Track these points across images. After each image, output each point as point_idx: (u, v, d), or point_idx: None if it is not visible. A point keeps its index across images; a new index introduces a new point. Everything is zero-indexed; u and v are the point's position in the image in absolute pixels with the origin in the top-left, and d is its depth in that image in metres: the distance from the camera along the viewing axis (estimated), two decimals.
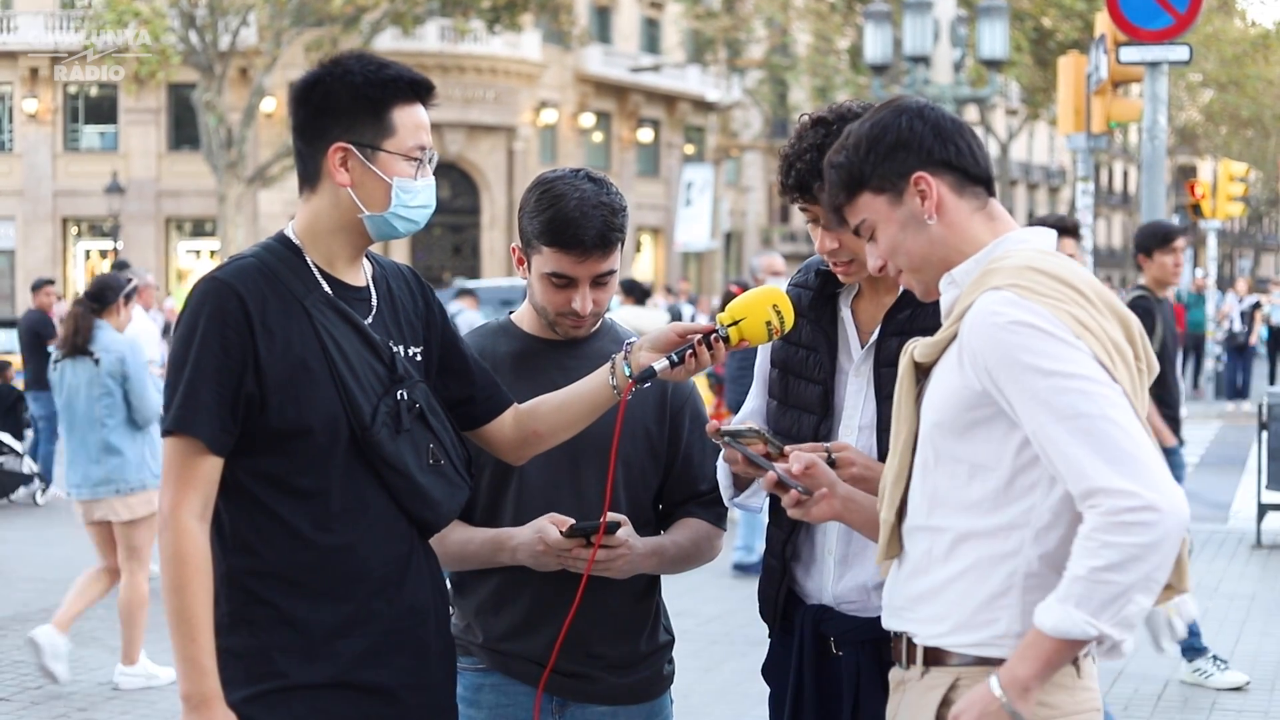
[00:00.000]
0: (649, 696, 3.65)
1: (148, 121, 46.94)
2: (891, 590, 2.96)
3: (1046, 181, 76.62)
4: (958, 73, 25.42)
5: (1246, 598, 10.69)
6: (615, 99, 53.69)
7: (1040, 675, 2.65)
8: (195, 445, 2.95)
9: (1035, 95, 42.95)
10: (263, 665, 2.99)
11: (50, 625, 8.16)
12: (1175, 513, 2.57)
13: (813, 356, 3.42)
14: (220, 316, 2.96)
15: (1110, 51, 13.57)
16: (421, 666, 3.14)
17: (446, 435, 3.21)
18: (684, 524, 3.63)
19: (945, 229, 2.87)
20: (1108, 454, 2.59)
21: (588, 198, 3.45)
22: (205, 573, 2.94)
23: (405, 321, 3.22)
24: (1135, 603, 2.59)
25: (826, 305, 3.45)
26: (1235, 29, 48.43)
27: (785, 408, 3.46)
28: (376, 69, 3.08)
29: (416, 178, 3.10)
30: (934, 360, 2.87)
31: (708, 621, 9.66)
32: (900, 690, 2.96)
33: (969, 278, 2.83)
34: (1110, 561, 2.56)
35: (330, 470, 3.02)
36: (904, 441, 2.90)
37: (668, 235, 52.45)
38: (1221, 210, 29.69)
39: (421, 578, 3.16)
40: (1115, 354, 2.71)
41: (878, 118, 2.91)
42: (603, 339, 3.64)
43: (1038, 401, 2.64)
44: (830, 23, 41.78)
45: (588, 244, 3.43)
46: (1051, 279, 2.73)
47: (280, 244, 3.12)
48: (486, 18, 37.49)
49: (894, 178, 2.87)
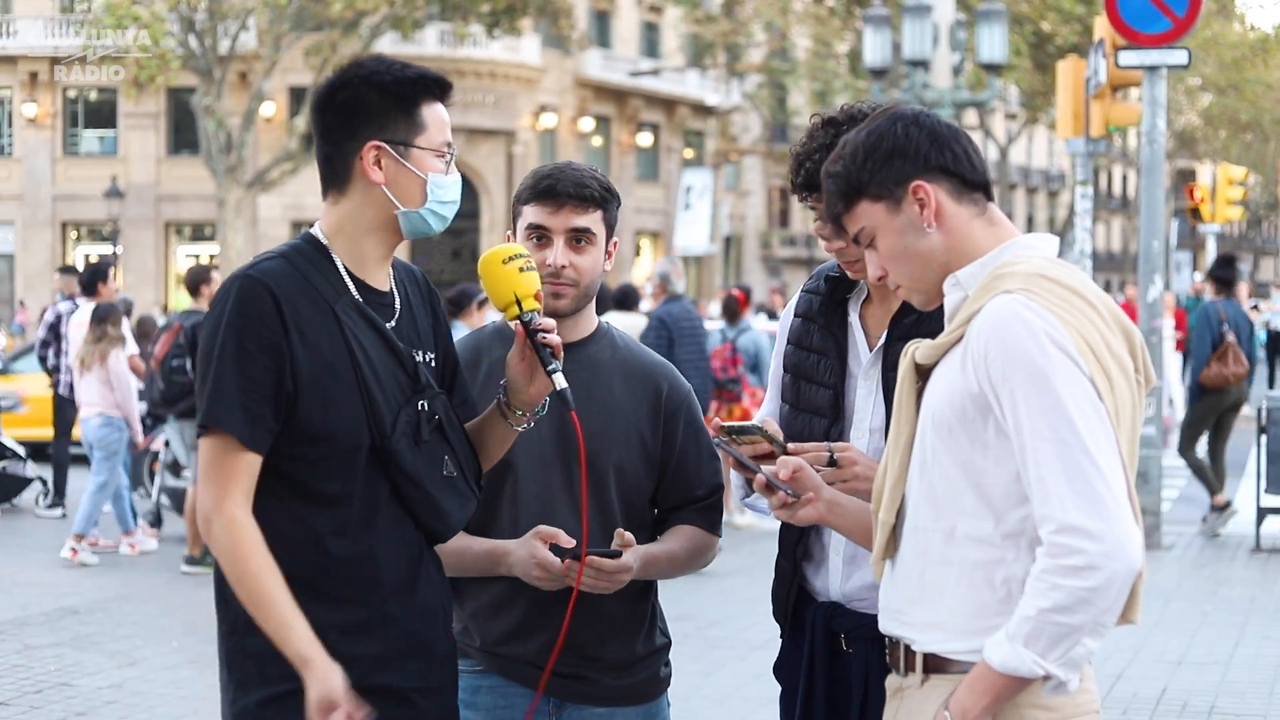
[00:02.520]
0: (646, 698, 3.65)
1: (147, 126, 46.95)
2: (887, 592, 2.97)
3: (1046, 185, 76.63)
4: (957, 77, 25.42)
5: (1246, 601, 10.69)
6: (615, 103, 53.70)
7: (988, 708, 2.71)
8: (230, 441, 2.93)
9: (1034, 99, 42.94)
10: (278, 666, 2.98)
11: None
12: (1126, 558, 2.62)
13: (823, 361, 3.48)
14: (255, 314, 2.95)
15: (1109, 55, 13.58)
16: (431, 669, 3.16)
17: (462, 447, 3.20)
18: (679, 530, 3.63)
19: (945, 236, 2.88)
20: (1077, 487, 2.63)
21: (571, 164, 3.63)
22: (263, 551, 2.92)
23: (421, 326, 3.22)
24: (1083, 645, 2.65)
25: (836, 311, 3.51)
26: (1234, 33, 48.41)
27: (797, 411, 3.51)
28: (401, 68, 3.11)
29: (447, 173, 3.14)
30: (935, 362, 2.88)
31: (708, 625, 9.67)
32: (898, 697, 2.96)
33: (975, 281, 2.84)
34: (1058, 604, 2.61)
35: (352, 476, 3.02)
36: (904, 443, 2.91)
37: (667, 239, 52.42)
38: (1221, 214, 29.68)
39: (431, 582, 3.17)
40: (1116, 368, 2.73)
41: (874, 126, 2.93)
42: (598, 343, 3.64)
43: (1029, 416, 2.67)
44: (829, 27, 41.76)
45: (561, 192, 3.52)
46: (1062, 288, 2.75)
47: (309, 245, 3.11)
48: (486, 22, 37.46)
49: (891, 185, 2.88)
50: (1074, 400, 2.66)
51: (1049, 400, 2.66)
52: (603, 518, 3.53)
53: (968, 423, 2.77)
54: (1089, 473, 2.64)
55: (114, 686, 8.32)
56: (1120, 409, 2.74)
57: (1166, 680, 8.39)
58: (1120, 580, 2.62)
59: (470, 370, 3.57)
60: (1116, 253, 78.93)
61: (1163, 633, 9.61)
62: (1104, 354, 2.72)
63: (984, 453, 2.76)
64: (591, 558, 3.36)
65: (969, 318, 2.79)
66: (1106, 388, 2.71)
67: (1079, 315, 2.73)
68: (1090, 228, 15.23)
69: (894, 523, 2.92)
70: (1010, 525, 2.75)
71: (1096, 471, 2.64)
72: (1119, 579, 2.62)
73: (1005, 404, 2.70)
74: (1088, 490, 2.63)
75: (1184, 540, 13.27)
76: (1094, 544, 2.60)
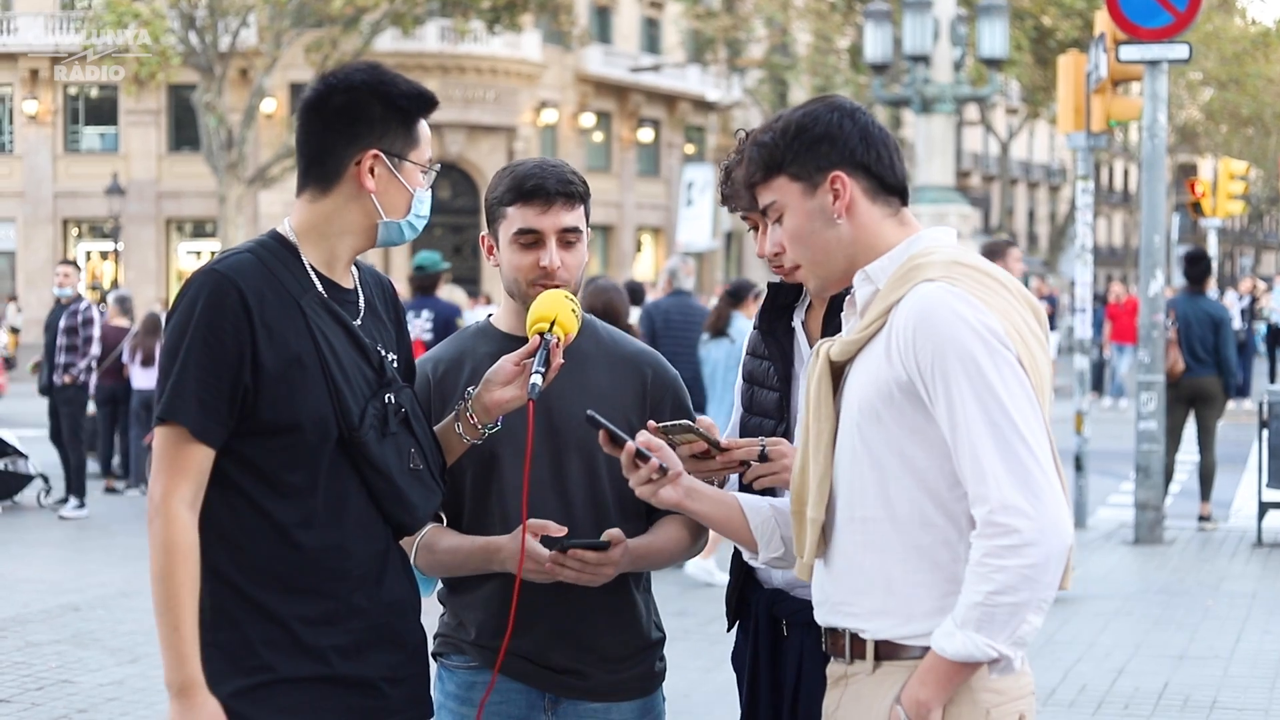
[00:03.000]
0: (641, 693, 3.66)
1: (148, 123, 46.98)
2: (824, 586, 3.00)
3: (1047, 180, 76.61)
4: (958, 71, 25.42)
5: (1247, 596, 10.69)
6: (615, 99, 53.70)
7: (940, 698, 2.78)
8: (183, 434, 2.97)
9: (1035, 94, 42.96)
10: (248, 659, 3.02)
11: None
12: (1059, 534, 2.72)
13: (771, 367, 3.62)
14: (218, 309, 2.99)
15: (1110, 50, 13.55)
16: (401, 660, 3.19)
17: (427, 440, 3.26)
18: (670, 519, 3.63)
19: (853, 229, 2.96)
20: (1011, 466, 2.71)
21: (546, 161, 3.63)
22: (192, 561, 2.97)
23: (384, 328, 3.27)
24: (1028, 622, 2.73)
25: (780, 317, 3.66)
26: (1235, 27, 48.44)
27: (750, 415, 3.66)
28: (405, 82, 3.17)
29: (427, 188, 3.22)
30: (850, 358, 2.94)
31: (708, 622, 9.67)
32: (842, 684, 2.99)
33: (884, 274, 2.91)
34: (1002, 585, 2.69)
35: (317, 468, 3.06)
36: (825, 440, 2.97)
37: (668, 235, 52.43)
38: (1222, 208, 29.68)
39: (398, 574, 3.21)
40: (1036, 344, 2.84)
41: (811, 109, 3.01)
42: (582, 335, 3.61)
43: (961, 400, 2.74)
44: (830, 22, 41.78)
45: (550, 191, 3.53)
46: (979, 273, 2.85)
47: (275, 241, 3.15)
48: (486, 18, 37.47)
49: (812, 169, 2.96)
50: (1004, 383, 2.74)
51: (980, 384, 2.73)
52: (595, 508, 3.54)
53: (897, 410, 2.83)
54: (1020, 453, 2.72)
55: (115, 683, 8.32)
56: (1042, 384, 2.84)
57: (1168, 675, 8.39)
58: (1057, 555, 2.71)
59: (454, 368, 3.62)
60: (1118, 247, 78.92)
61: (1164, 627, 9.61)
62: (1025, 333, 2.82)
63: (916, 439, 2.83)
64: (575, 550, 3.38)
65: (888, 308, 2.85)
66: (1032, 365, 2.80)
67: (998, 298, 2.82)
68: (1091, 223, 15.22)
69: (824, 519, 2.96)
70: (948, 505, 2.82)
71: (1028, 451, 2.73)
72: (1055, 554, 2.71)
73: (937, 390, 2.77)
74: (1020, 470, 2.71)
75: (1185, 535, 13.27)
76: (1029, 522, 2.69)
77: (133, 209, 45.09)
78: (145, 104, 45.71)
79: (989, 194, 64.81)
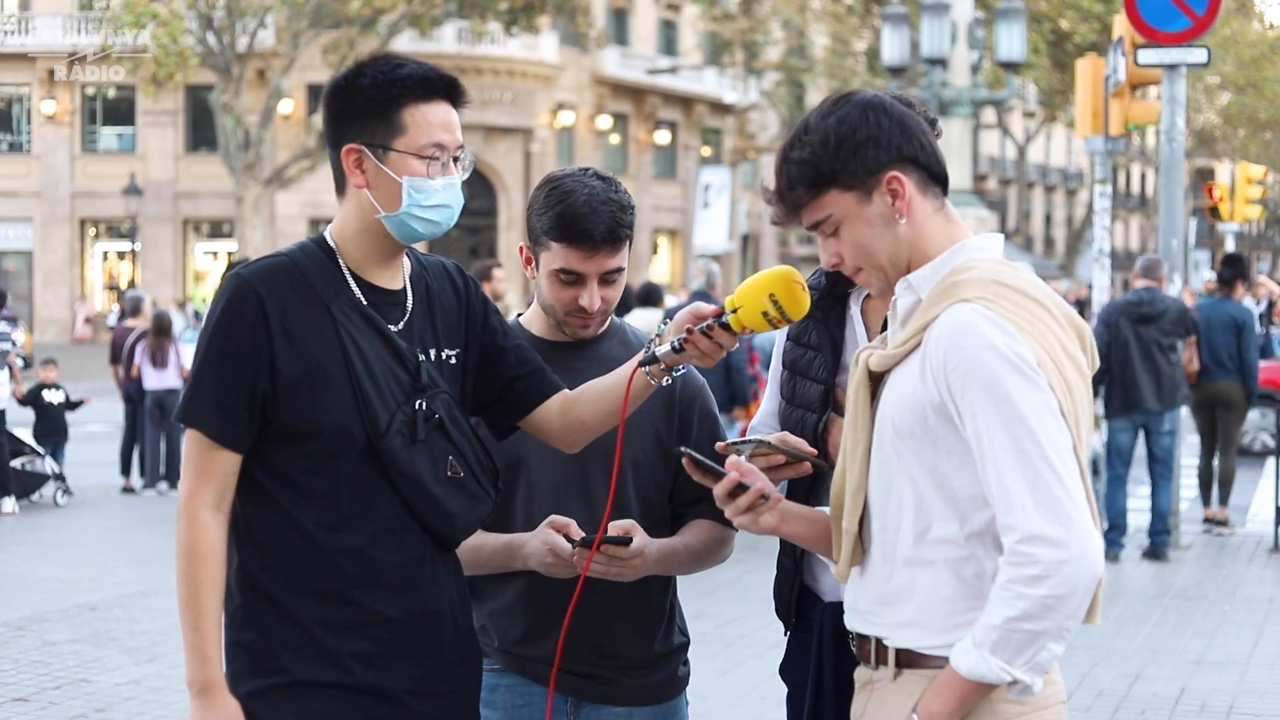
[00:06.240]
0: (664, 698, 3.64)
1: (165, 123, 47.09)
2: (854, 594, 2.99)
3: (1064, 184, 76.49)
4: (975, 75, 25.40)
5: (1265, 601, 10.67)
6: (632, 101, 53.70)
7: (955, 712, 2.75)
8: (204, 439, 2.99)
9: (1053, 97, 42.89)
10: (267, 659, 3.03)
11: None
12: (1088, 565, 2.65)
13: (818, 357, 3.46)
14: (236, 314, 3.00)
15: (1128, 54, 13.54)
16: (432, 674, 3.13)
17: (469, 447, 3.19)
18: (695, 525, 3.62)
19: (911, 229, 2.88)
20: (1039, 496, 2.66)
21: (596, 194, 3.45)
22: (216, 565, 2.98)
23: (443, 323, 3.21)
24: (1048, 650, 2.68)
25: (835, 306, 3.47)
26: (1253, 31, 48.28)
27: (791, 407, 3.50)
28: (390, 69, 3.06)
29: (433, 176, 3.07)
30: (889, 369, 2.89)
31: (725, 624, 9.66)
32: (867, 690, 2.98)
33: (927, 285, 2.85)
34: (1024, 611, 2.65)
35: (339, 474, 3.03)
36: (862, 450, 2.93)
37: (685, 237, 52.44)
38: (1239, 213, 29.59)
39: (438, 586, 3.15)
40: (1074, 371, 2.77)
41: (842, 113, 2.88)
42: (611, 340, 3.63)
43: (989, 426, 2.69)
44: (847, 25, 41.75)
45: (597, 239, 3.43)
46: (1017, 294, 2.77)
47: (316, 246, 3.14)
48: (504, 20, 37.53)
49: (864, 175, 2.85)
50: (1033, 409, 2.68)
51: (1009, 410, 2.68)
52: (619, 514, 3.51)
53: (930, 430, 2.79)
54: (1049, 481, 2.66)
55: (132, 683, 8.34)
56: (1080, 414, 2.76)
57: (1185, 680, 8.38)
58: (1084, 587, 2.65)
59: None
60: (1135, 251, 78.71)
61: (1181, 633, 9.59)
62: (1062, 359, 2.75)
63: (948, 458, 2.78)
64: (606, 545, 3.35)
65: (924, 325, 2.80)
66: (1065, 393, 2.73)
67: (1035, 321, 2.75)
68: (1109, 226, 15.21)
69: (857, 531, 2.93)
70: (975, 526, 2.78)
71: (1057, 479, 2.67)
72: (1082, 586, 2.65)
73: (965, 414, 2.72)
74: (1049, 499, 2.66)
75: (1202, 540, 13.23)
76: (1057, 552, 2.63)
77: (150, 209, 45.21)
78: (163, 104, 45.81)
79: (1006, 198, 64.73)
